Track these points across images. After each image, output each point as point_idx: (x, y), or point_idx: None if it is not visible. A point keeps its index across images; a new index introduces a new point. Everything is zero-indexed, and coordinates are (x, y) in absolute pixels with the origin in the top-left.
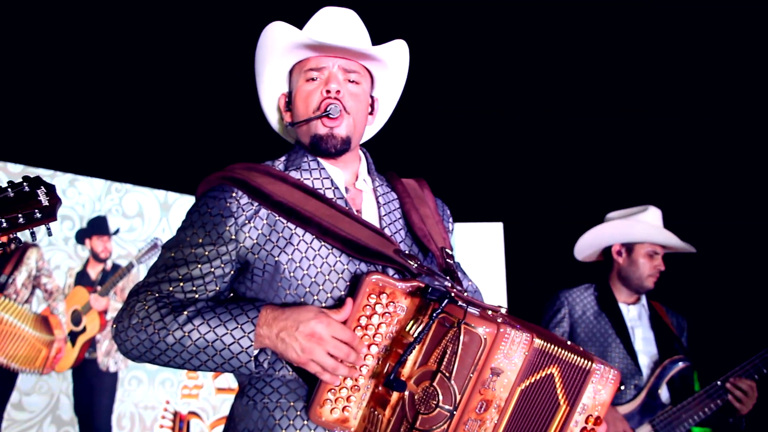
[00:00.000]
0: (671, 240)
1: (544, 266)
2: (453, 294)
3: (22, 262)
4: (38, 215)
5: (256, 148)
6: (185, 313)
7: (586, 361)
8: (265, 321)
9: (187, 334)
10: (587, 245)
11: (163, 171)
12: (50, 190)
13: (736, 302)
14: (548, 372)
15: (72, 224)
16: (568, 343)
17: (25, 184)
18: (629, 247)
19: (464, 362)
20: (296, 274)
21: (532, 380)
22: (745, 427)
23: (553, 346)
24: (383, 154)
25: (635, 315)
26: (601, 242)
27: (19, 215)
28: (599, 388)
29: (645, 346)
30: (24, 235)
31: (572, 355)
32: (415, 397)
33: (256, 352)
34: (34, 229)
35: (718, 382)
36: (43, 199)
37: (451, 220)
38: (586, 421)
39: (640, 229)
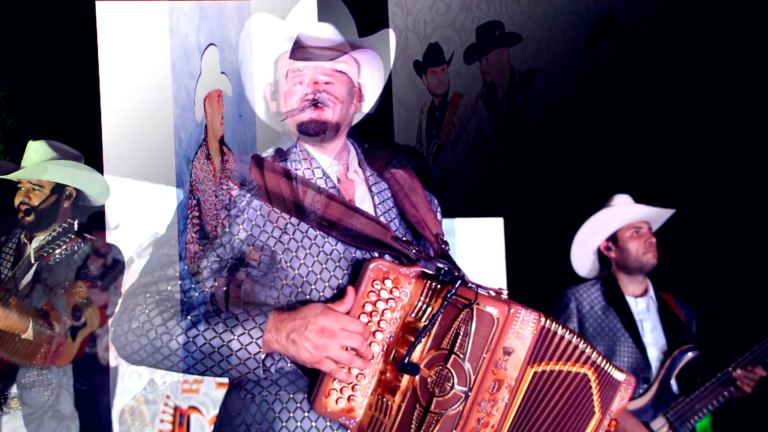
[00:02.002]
0: (644, 213)
1: (545, 262)
2: (463, 275)
3: (23, 257)
4: None
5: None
6: (189, 317)
7: (620, 373)
8: (273, 325)
9: (191, 339)
10: (580, 258)
11: (164, 166)
12: None
13: (745, 295)
14: (581, 372)
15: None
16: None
17: None
18: (613, 239)
19: (477, 343)
20: (293, 264)
21: (556, 368)
22: (735, 405)
23: (567, 331)
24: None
25: (643, 307)
26: (589, 248)
27: None
28: (624, 395)
29: (654, 338)
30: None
31: (607, 364)
32: (428, 380)
33: (263, 357)
34: None
35: (730, 369)
36: None
37: (439, 209)
38: (610, 425)
39: (611, 215)
